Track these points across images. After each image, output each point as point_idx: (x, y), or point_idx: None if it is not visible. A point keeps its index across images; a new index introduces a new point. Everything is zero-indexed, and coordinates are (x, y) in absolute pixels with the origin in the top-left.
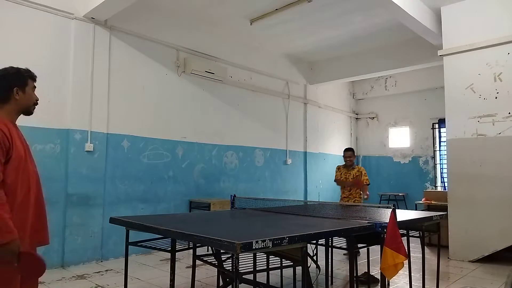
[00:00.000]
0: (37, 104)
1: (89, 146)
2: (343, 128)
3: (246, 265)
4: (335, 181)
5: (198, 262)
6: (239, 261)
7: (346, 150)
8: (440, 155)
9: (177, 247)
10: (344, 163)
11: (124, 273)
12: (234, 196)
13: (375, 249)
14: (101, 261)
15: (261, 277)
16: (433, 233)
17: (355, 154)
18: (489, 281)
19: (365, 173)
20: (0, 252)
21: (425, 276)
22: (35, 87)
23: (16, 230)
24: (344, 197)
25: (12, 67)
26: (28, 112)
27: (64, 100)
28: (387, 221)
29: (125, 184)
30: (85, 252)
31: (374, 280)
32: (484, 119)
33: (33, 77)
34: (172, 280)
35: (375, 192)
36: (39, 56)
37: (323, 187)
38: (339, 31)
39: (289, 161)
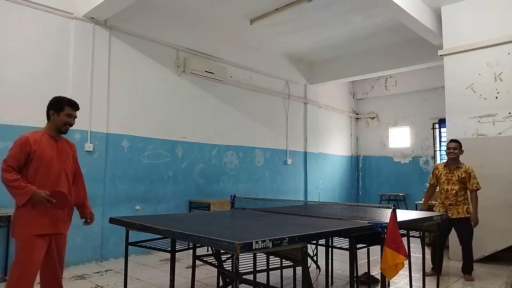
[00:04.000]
0: (68, 126)
1: (88, 146)
2: (343, 128)
3: (246, 265)
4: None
5: (198, 262)
6: (239, 261)
7: (450, 141)
8: (440, 155)
9: (177, 247)
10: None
11: (124, 273)
12: (234, 196)
13: (375, 249)
14: (101, 261)
15: (261, 277)
16: (433, 233)
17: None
18: (489, 281)
19: (474, 176)
20: (34, 200)
21: (425, 276)
22: (71, 114)
23: (30, 185)
24: (450, 204)
25: (55, 97)
26: (59, 131)
27: None
28: (387, 221)
29: (125, 184)
30: (85, 252)
31: (374, 280)
32: (485, 119)
33: (71, 105)
34: (172, 280)
35: (375, 192)
36: (39, 56)
37: (323, 187)
38: (339, 31)
39: (289, 161)
